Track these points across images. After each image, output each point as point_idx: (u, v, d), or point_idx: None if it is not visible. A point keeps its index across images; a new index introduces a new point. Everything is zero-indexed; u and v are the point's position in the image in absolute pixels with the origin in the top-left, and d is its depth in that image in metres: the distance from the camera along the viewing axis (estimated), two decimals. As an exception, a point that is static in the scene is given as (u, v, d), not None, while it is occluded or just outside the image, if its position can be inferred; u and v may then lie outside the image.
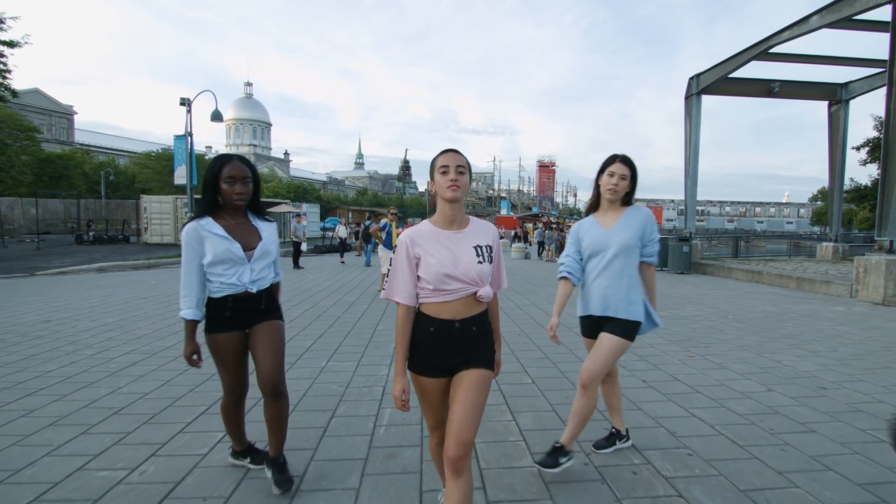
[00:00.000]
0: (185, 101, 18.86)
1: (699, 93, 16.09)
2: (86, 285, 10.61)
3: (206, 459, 2.89)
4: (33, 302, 8.22)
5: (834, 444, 3.17)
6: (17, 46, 18.56)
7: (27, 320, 6.70)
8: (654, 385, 4.35)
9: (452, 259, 1.92)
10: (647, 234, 2.73)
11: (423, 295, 1.96)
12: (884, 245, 9.50)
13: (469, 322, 1.95)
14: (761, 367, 4.94)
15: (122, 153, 70.00)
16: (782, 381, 4.46)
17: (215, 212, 2.53)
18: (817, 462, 2.93)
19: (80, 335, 5.91)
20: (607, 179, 2.73)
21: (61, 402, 3.77)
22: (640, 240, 2.71)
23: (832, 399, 4.02)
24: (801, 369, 4.85)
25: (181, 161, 19.55)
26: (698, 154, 16.33)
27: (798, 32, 11.97)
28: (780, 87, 16.24)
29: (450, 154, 1.97)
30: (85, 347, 5.37)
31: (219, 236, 2.44)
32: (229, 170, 2.46)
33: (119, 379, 4.35)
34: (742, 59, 14.12)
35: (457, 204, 1.97)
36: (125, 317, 7.04)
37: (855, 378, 4.58)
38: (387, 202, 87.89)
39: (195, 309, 2.48)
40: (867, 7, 10.13)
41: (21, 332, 5.99)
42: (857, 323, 7.28)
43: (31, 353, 5.09)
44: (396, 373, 1.98)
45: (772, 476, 2.76)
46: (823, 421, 3.56)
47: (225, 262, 2.46)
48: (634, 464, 2.91)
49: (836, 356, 5.36)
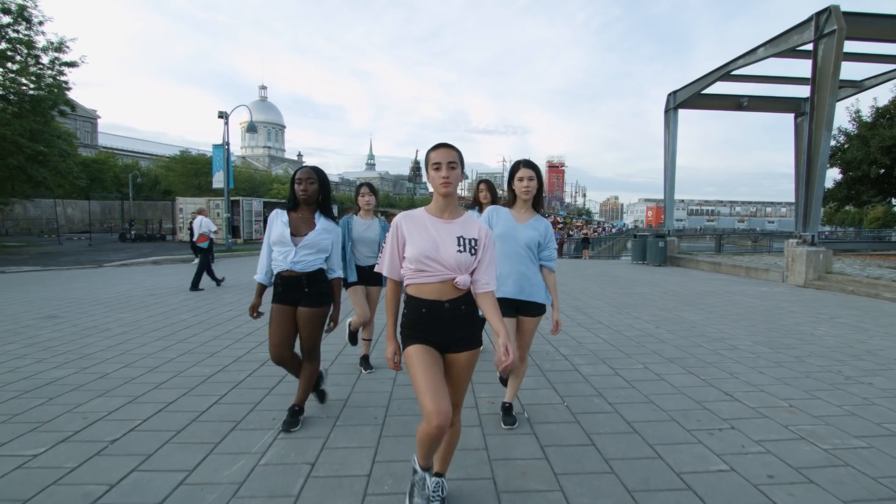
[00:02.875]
0: (223, 114, 21.39)
1: (676, 107, 18.26)
2: (154, 273, 13.09)
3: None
4: (125, 283, 10.68)
5: (677, 350, 5.43)
6: (76, 66, 21.14)
7: (136, 294, 9.11)
8: (586, 326, 6.62)
9: (434, 244, 2.05)
10: (545, 239, 3.12)
11: (408, 276, 2.11)
12: (807, 239, 11.69)
13: (457, 302, 2.10)
14: (663, 318, 7.20)
15: (142, 155, 72.69)
16: (669, 324, 6.72)
17: (295, 208, 3.20)
18: (657, 355, 5.21)
19: (187, 300, 8.32)
20: (518, 184, 3.08)
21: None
22: (540, 242, 3.11)
23: (692, 331, 6.27)
24: (689, 319, 7.11)
25: (219, 167, 22.02)
26: (675, 162, 18.52)
27: (750, 61, 14.11)
28: (749, 102, 18.33)
29: (441, 150, 2.07)
30: (197, 306, 7.77)
31: (282, 221, 3.11)
32: (299, 174, 3.15)
33: (239, 326, 6.71)
34: (709, 80, 16.29)
35: (449, 197, 2.12)
36: (207, 292, 9.47)
37: (720, 324, 6.81)
38: (398, 203, 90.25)
39: (263, 275, 3.20)
40: (800, 43, 12.28)
41: (139, 299, 8.41)
42: (767, 298, 9.47)
43: (162, 311, 7.49)
44: (388, 337, 2.16)
45: (623, 358, 5.05)
46: (674, 340, 5.81)
47: (279, 243, 3.08)
48: (555, 353, 5.20)
49: (722, 314, 7.59)
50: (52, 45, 20.09)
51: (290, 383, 4.06)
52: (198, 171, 43.47)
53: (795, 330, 6.49)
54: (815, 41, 11.41)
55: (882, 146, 18.23)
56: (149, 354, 5.00)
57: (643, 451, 2.98)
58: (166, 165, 50.27)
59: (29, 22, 19.53)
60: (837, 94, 11.79)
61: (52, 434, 3.09)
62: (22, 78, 19.64)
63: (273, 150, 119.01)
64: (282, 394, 3.91)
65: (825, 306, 8.51)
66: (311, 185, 3.11)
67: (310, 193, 3.11)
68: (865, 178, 19.65)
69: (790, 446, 3.07)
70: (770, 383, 4.29)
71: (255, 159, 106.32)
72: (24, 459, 2.75)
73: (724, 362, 4.95)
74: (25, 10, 19.28)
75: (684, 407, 3.72)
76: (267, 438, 3.07)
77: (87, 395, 3.83)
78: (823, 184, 16.08)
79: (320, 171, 3.21)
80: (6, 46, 19.16)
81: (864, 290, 9.94)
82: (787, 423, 3.42)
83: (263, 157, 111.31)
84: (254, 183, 56.38)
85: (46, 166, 20.08)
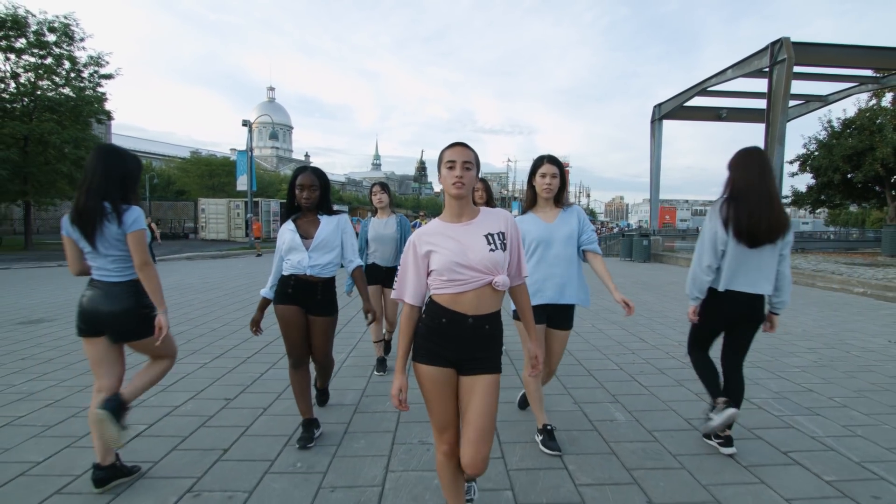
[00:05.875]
0: (246, 122, 23.34)
1: (660, 118, 20.07)
2: (189, 267, 15.04)
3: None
4: (171, 274, 12.60)
5: (621, 318, 7.26)
6: (112, 78, 23.15)
7: (187, 283, 11.00)
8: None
9: (461, 249, 1.88)
10: (581, 224, 3.01)
11: (437, 286, 1.91)
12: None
13: (482, 320, 1.91)
14: (624, 299, 9.02)
15: (154, 156, 74.37)
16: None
17: (298, 214, 3.09)
18: (606, 320, 7.05)
19: (234, 290, 10.22)
20: (540, 180, 2.92)
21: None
22: (578, 231, 3.01)
23: (641, 307, 8.09)
24: (645, 300, 8.94)
25: (242, 171, 24.03)
26: (660, 168, 20.33)
27: (721, 80, 15.93)
28: (728, 113, 20.13)
29: (457, 148, 1.92)
30: (240, 294, 9.66)
31: (290, 231, 3.02)
32: (301, 180, 2.99)
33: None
34: (688, 95, 18.10)
35: (463, 199, 1.93)
36: (245, 282, 11.38)
37: (667, 303, 8.62)
38: (404, 203, 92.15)
39: (268, 289, 3.11)
40: (760, 67, 14.07)
41: (197, 288, 10.32)
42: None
43: (210, 299, 9.38)
44: (396, 370, 1.96)
45: (579, 322, 6.88)
46: (623, 312, 7.64)
47: (291, 249, 2.99)
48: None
49: (673, 297, 9.40)
50: (93, 60, 22.10)
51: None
52: (212, 172, 45.25)
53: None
54: (770, 67, 13.21)
55: (843, 154, 20.09)
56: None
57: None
58: (180, 166, 51.98)
59: (72, 39, 21.53)
60: (788, 113, 13.59)
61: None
62: (66, 90, 21.66)
63: (280, 150, 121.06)
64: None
65: (764, 293, 10.30)
66: (315, 192, 3.03)
67: (313, 200, 3.03)
68: (831, 184, 21.54)
69: (655, 354, 4.91)
70: (675, 335, 6.11)
71: (264, 160, 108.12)
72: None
73: (653, 325, 6.80)
74: (69, 28, 21.27)
75: (616, 352, 5.58)
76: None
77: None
78: (780, 191, 17.92)
79: (321, 173, 3.13)
80: (52, 62, 21.16)
81: (805, 280, 11.74)
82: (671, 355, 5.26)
83: (272, 158, 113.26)
84: (263, 183, 58.05)
85: (89, 171, 22.01)
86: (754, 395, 4.01)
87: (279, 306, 3.02)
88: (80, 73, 22.10)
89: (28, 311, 7.37)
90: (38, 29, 20.56)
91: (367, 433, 3.29)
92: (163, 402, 3.76)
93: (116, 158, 2.52)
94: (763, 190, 2.76)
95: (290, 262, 2.99)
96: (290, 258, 2.99)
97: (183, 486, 2.59)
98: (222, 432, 3.26)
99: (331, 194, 3.19)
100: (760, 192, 2.75)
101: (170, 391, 4.00)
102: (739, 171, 2.85)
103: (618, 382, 4.41)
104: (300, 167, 3.10)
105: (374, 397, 3.98)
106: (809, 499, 2.51)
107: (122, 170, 2.51)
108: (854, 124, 20.36)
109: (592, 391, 4.18)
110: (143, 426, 3.32)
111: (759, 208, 2.73)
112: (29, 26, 20.34)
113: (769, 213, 2.73)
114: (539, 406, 3.09)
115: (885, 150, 18.69)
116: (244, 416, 3.52)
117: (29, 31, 20.38)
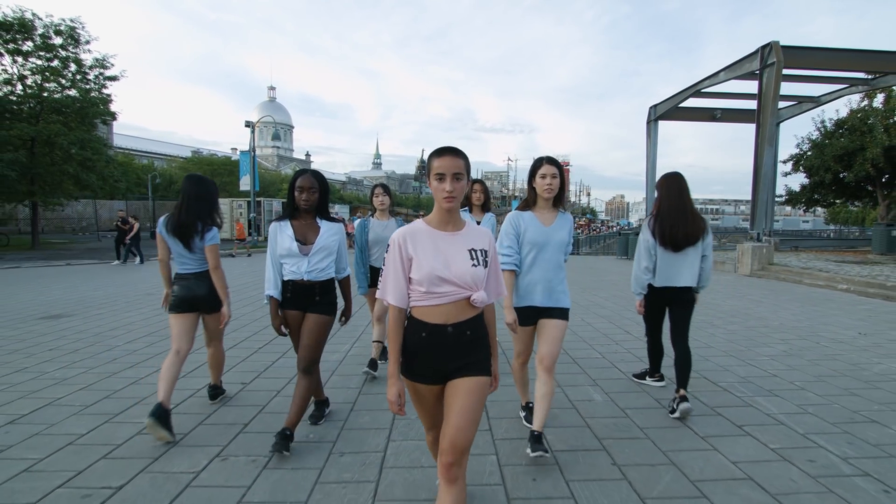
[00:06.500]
0: (249, 123, 23.74)
1: (656, 119, 20.41)
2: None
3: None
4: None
5: (609, 312, 7.66)
6: (117, 80, 23.54)
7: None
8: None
9: (444, 261, 1.86)
10: (570, 235, 3.10)
11: (415, 298, 1.90)
12: (753, 236, 13.88)
13: (462, 326, 1.90)
14: (613, 294, 9.43)
15: (156, 156, 74.70)
16: (616, 298, 8.94)
17: (296, 215, 3.14)
18: (595, 314, 7.45)
19: (240, 287, 10.63)
20: (541, 181, 2.95)
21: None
22: (567, 240, 3.07)
23: (631, 302, 8.46)
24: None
25: (245, 171, 24.44)
26: (656, 168, 20.65)
27: (714, 82, 16.28)
28: (722, 114, 20.48)
29: (445, 158, 1.84)
30: (247, 291, 10.07)
31: (287, 235, 3.05)
32: (300, 182, 3.07)
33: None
34: (682, 96, 18.45)
35: (453, 210, 1.91)
36: (250, 279, 11.79)
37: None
38: (404, 202, 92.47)
39: (274, 289, 3.10)
40: (751, 70, 14.43)
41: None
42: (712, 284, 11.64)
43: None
44: (390, 376, 1.93)
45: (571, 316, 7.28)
46: (611, 307, 8.04)
47: (289, 255, 3.05)
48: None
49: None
50: (98, 62, 22.49)
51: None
52: (214, 171, 45.78)
53: (709, 302, 8.71)
54: (760, 70, 13.59)
55: (834, 154, 20.46)
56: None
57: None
58: (181, 166, 52.51)
59: (77, 41, 21.92)
60: (780, 114, 13.96)
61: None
62: (72, 92, 22.05)
63: (281, 150, 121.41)
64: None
65: (750, 289, 10.69)
66: (314, 195, 3.09)
67: (312, 202, 3.09)
68: (823, 183, 21.92)
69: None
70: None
71: (265, 159, 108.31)
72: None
73: (639, 318, 7.14)
74: (75, 31, 21.66)
75: (601, 343, 5.97)
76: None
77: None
78: (773, 190, 18.36)
79: (320, 175, 3.19)
80: (58, 64, 21.55)
81: (793, 277, 12.13)
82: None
83: (272, 157, 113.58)
84: (264, 183, 58.48)
85: (94, 171, 22.43)
86: (721, 380, 4.42)
87: (283, 311, 3.17)
88: (86, 76, 22.49)
89: (47, 307, 7.77)
90: (44, 32, 20.99)
91: (370, 410, 3.69)
92: (186, 385, 4.15)
93: (203, 185, 3.45)
94: (681, 207, 3.60)
95: (288, 268, 3.09)
96: (288, 263, 3.09)
97: (212, 452, 3.00)
98: (242, 410, 3.67)
99: (329, 198, 3.27)
100: (679, 208, 3.59)
101: (191, 377, 4.41)
102: (663, 191, 3.68)
103: (599, 369, 4.79)
104: (300, 170, 3.25)
105: (379, 381, 4.38)
106: (753, 462, 2.91)
107: (207, 194, 3.44)
108: (846, 125, 20.71)
109: (575, 376, 4.57)
110: (171, 406, 3.71)
111: (678, 222, 3.57)
112: (35, 29, 20.76)
113: (685, 226, 3.56)
114: (523, 387, 3.45)
115: (875, 150, 19.03)
116: (260, 397, 3.94)
117: (36, 35, 20.80)
